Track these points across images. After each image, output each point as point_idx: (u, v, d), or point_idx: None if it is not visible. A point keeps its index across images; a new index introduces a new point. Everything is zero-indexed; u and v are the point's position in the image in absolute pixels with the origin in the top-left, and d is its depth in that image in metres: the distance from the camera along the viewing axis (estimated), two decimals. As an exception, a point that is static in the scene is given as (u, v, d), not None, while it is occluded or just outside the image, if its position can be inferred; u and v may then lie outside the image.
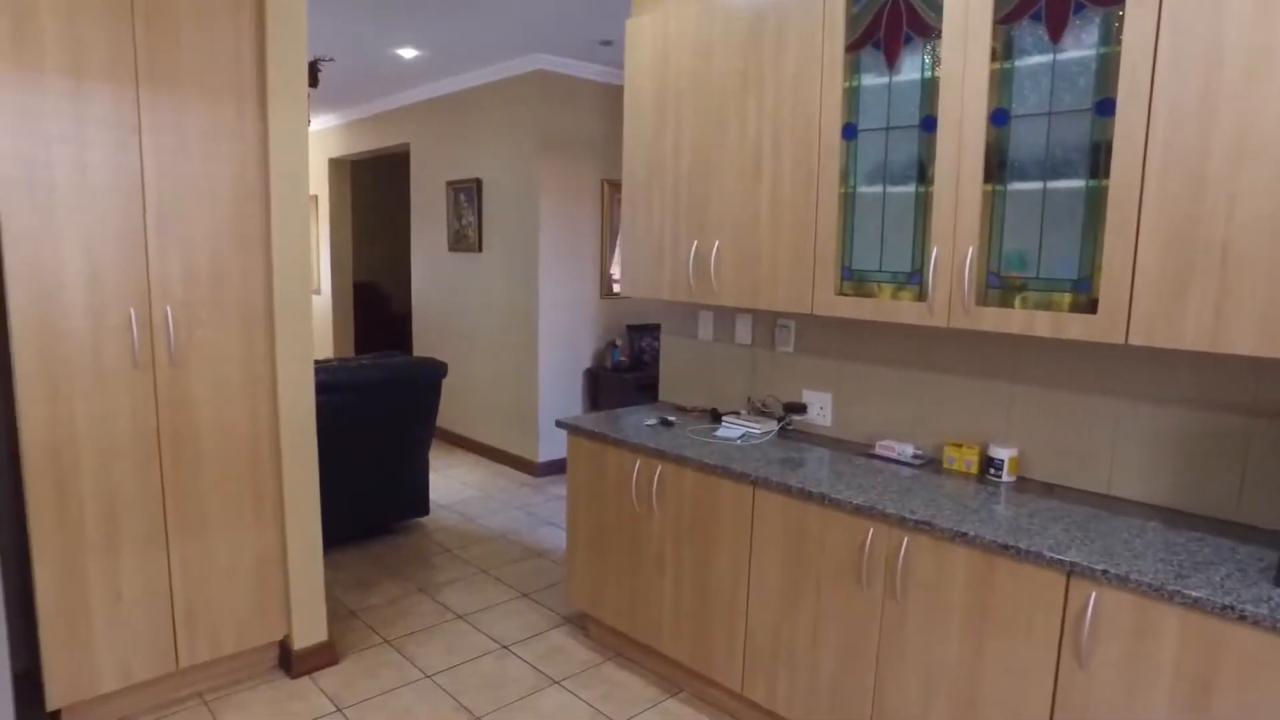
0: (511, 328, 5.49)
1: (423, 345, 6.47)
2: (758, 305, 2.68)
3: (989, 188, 2.11)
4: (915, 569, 2.07)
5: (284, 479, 2.77)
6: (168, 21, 2.40)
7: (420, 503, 4.29)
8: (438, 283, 6.22)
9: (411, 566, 3.87)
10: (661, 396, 3.55)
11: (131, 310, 2.43)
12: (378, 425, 3.97)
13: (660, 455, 2.70)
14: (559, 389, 5.42)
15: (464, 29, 4.36)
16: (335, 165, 7.47)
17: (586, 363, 5.56)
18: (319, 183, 7.64)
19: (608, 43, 4.63)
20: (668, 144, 2.93)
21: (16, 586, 2.54)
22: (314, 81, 2.98)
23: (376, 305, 8.43)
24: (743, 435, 2.86)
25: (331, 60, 3.70)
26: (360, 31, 4.34)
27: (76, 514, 2.40)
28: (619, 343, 5.52)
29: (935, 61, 2.20)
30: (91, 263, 2.35)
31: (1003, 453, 2.37)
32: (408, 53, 4.83)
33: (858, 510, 2.17)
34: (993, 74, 2.06)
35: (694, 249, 2.86)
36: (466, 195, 5.69)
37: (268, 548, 2.78)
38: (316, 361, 3.96)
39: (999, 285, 2.13)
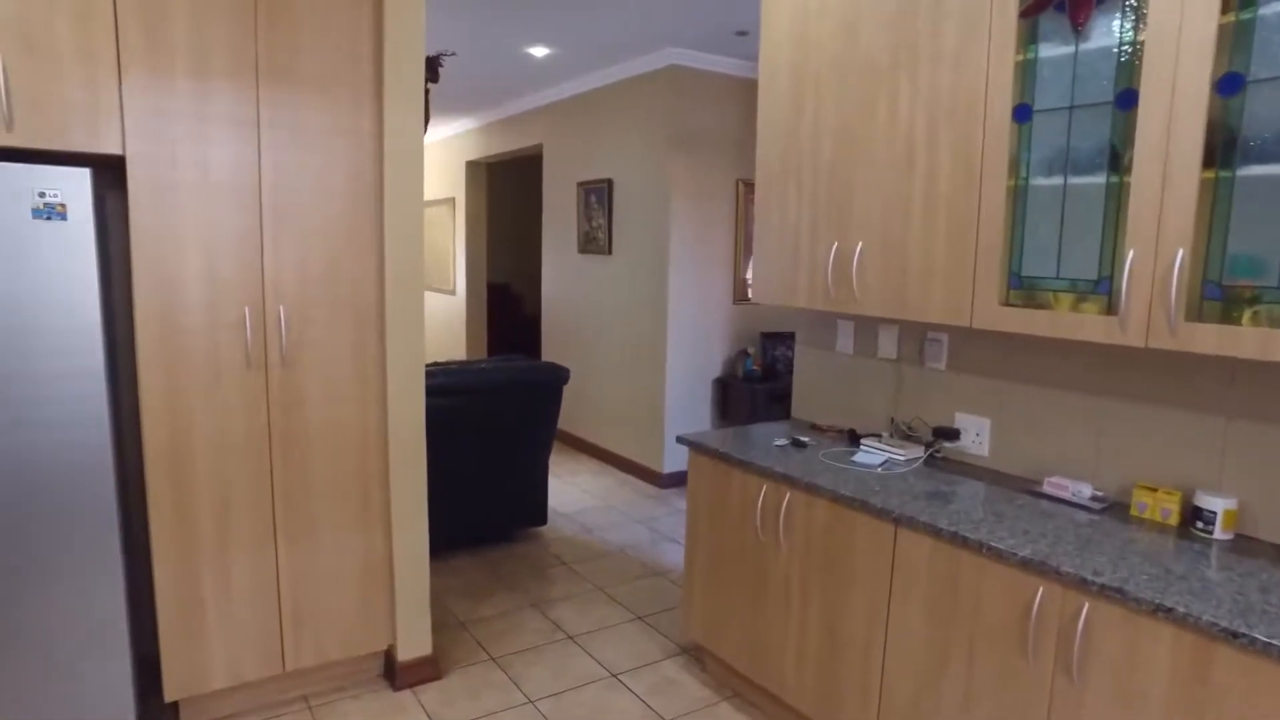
0: (639, 332, 5.32)
1: (551, 348, 6.43)
2: (905, 316, 2.34)
3: (1209, 174, 1.69)
4: (1099, 644, 1.68)
5: (391, 484, 2.69)
6: (288, 18, 2.36)
7: (538, 512, 4.18)
8: (567, 285, 6.15)
9: (525, 578, 3.75)
10: (794, 413, 3.24)
11: (246, 309, 2.41)
12: (497, 430, 3.88)
13: (789, 481, 2.41)
14: (687, 398, 5.19)
15: (595, 25, 4.22)
16: (472, 168, 7.60)
17: (716, 371, 5.30)
18: (456, 185, 7.80)
19: (743, 33, 4.36)
20: (805, 132, 2.63)
21: (140, 578, 2.58)
22: (434, 77, 2.92)
23: (510, 307, 8.52)
24: (884, 462, 2.52)
25: (453, 54, 3.66)
26: (492, 31, 4.30)
27: (191, 509, 2.40)
28: (751, 351, 5.22)
29: (1139, 20, 1.80)
30: (209, 260, 2.35)
31: (1216, 503, 1.92)
32: (539, 51, 4.76)
33: (1025, 564, 1.79)
34: (1222, 29, 1.64)
35: (834, 251, 2.55)
36: (597, 196, 5.57)
37: (374, 554, 2.71)
38: (437, 364, 3.92)
39: (1220, 297, 1.70)
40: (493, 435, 3.88)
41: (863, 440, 2.70)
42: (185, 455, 2.37)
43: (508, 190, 9.01)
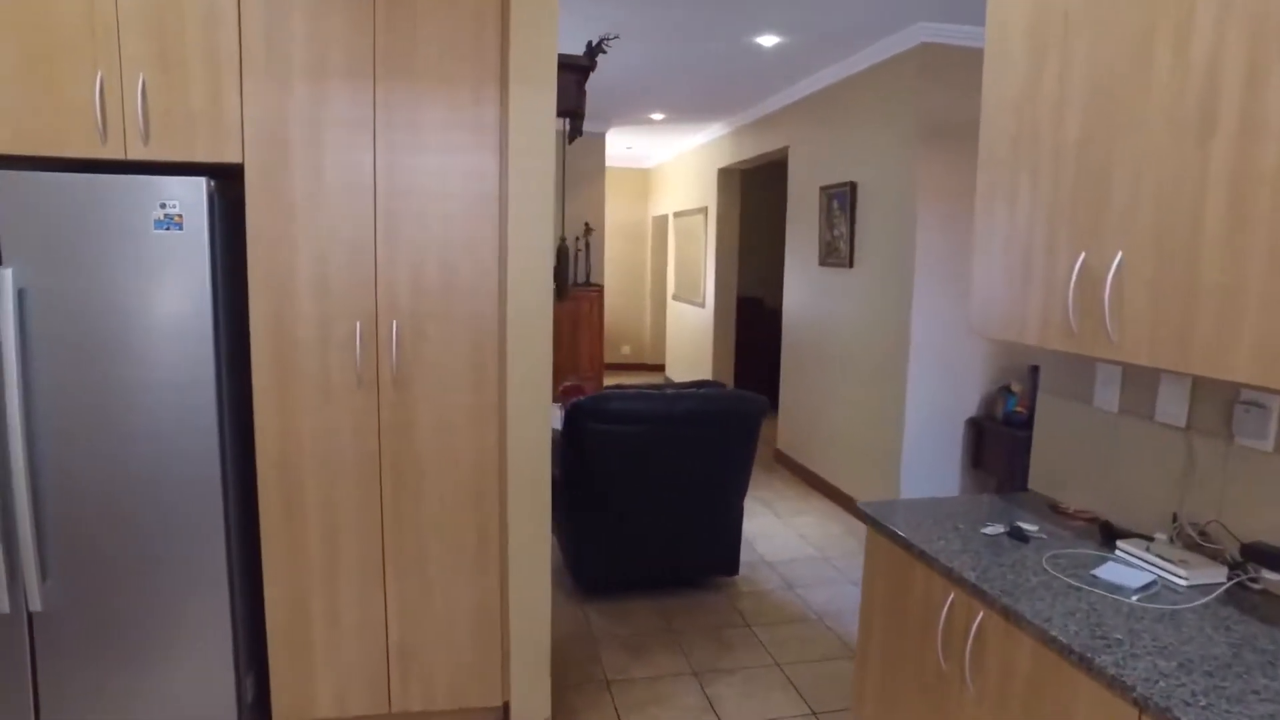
0: (877, 357, 4.55)
1: (790, 369, 5.84)
2: (1189, 367, 1.49)
3: None
4: None
5: (509, 524, 2.39)
6: (406, 10, 2.16)
7: (729, 560, 3.67)
8: (807, 300, 5.53)
9: (696, 638, 3.27)
10: (1031, 484, 2.39)
11: (357, 323, 2.25)
12: (683, 465, 3.45)
13: (981, 596, 1.67)
14: (930, 439, 4.32)
15: (828, 3, 3.61)
16: (724, 175, 7.24)
17: (970, 410, 4.35)
18: (708, 194, 7.50)
19: (1020, -10, 3.45)
20: (1044, 101, 1.85)
21: (246, 594, 2.56)
22: (591, 63, 2.59)
23: (761, 322, 8.02)
24: (1149, 584, 1.66)
25: (616, 38, 3.31)
26: (713, 19, 3.88)
27: (301, 532, 2.30)
28: (1016, 388, 4.20)
29: None
30: (321, 270, 2.22)
31: None
32: (768, 40, 4.24)
33: None
34: None
35: (1079, 265, 1.74)
36: (839, 201, 4.89)
37: (488, 600, 2.42)
38: (620, 387, 3.59)
39: None
40: (678, 470, 3.46)
41: (1121, 542, 1.83)
42: (295, 475, 2.28)
43: (761, 198, 8.52)
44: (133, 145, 2.09)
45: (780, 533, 4.55)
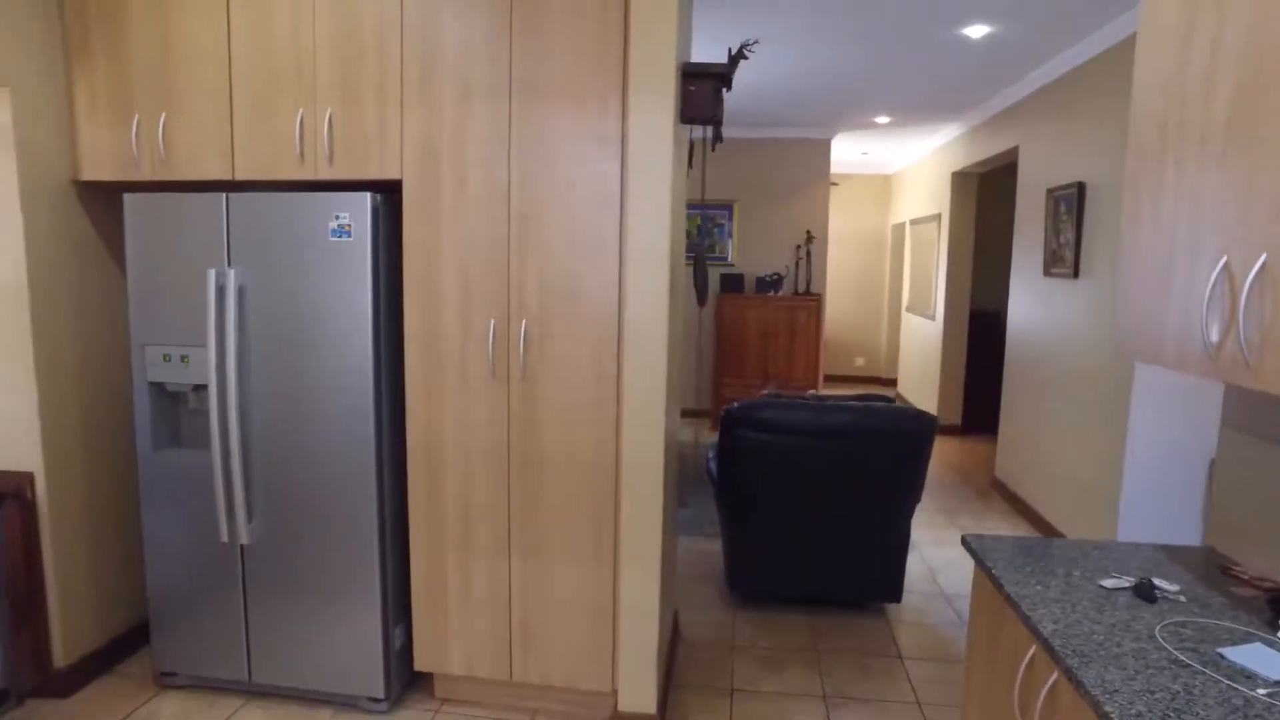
0: (1099, 380, 3.98)
1: (1011, 389, 5.29)
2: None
3: None
4: None
5: (621, 521, 2.48)
6: (539, 34, 2.34)
7: (890, 586, 3.44)
8: (1030, 314, 4.97)
9: (840, 661, 3.11)
10: (1208, 537, 1.99)
11: (492, 321, 2.48)
12: (840, 480, 3.31)
13: (1051, 652, 1.45)
14: (1159, 480, 3.68)
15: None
16: (959, 180, 6.72)
17: (1214, 449, 3.64)
18: (942, 199, 6.99)
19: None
20: (1194, 68, 1.56)
21: (395, 558, 2.89)
22: (731, 70, 2.56)
23: (995, 338, 7.30)
24: (1288, 672, 1.34)
25: (757, 42, 3.16)
26: (907, 13, 3.67)
27: (441, 506, 2.58)
28: (1282, 426, 3.44)
29: None
30: (463, 272, 2.47)
31: None
32: (975, 31, 3.90)
33: None
34: None
35: (1217, 270, 1.45)
36: (1066, 204, 4.35)
37: (601, 590, 2.54)
38: (778, 395, 3.53)
39: None
40: (833, 485, 3.32)
41: (1281, 618, 1.49)
42: (437, 456, 2.56)
43: (999, 205, 7.73)
44: (322, 167, 2.50)
45: (968, 566, 4.15)
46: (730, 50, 2.58)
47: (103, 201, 2.82)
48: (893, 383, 9.39)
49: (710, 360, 7.64)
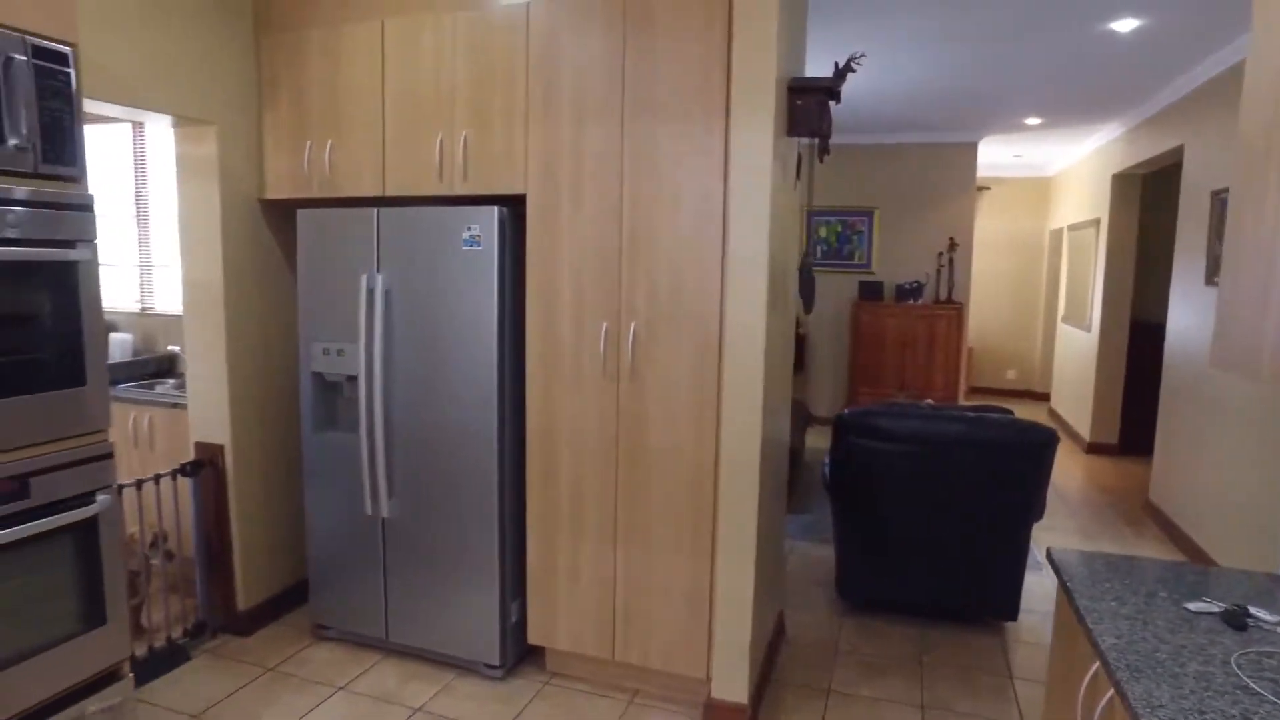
0: (1268, 398, 3.65)
1: (1168, 406, 4.91)
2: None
3: None
4: None
5: (719, 515, 2.61)
6: (649, 58, 2.52)
7: (1006, 603, 3.34)
8: (1190, 326, 4.60)
9: (944, 674, 3.07)
10: (1331, 567, 1.86)
11: (604, 323, 2.68)
12: (952, 491, 3.26)
13: (1106, 668, 1.44)
14: (1330, 511, 3.34)
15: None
16: (1119, 182, 6.27)
17: (1406, 481, 3.25)
18: (1100, 203, 6.55)
19: None
20: (1294, 80, 1.50)
21: (511, 538, 3.13)
22: (838, 83, 2.60)
23: (1157, 350, 6.74)
24: (1368, 704, 1.27)
25: (864, 56, 3.10)
26: (1052, 4, 3.53)
27: (555, 493, 2.82)
28: None
29: None
30: (578, 279, 2.69)
31: None
32: (1124, 24, 3.69)
33: None
34: None
35: (1310, 285, 1.40)
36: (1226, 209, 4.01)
37: (698, 581, 2.67)
38: (893, 403, 3.52)
39: None
40: (945, 496, 3.27)
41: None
42: (552, 445, 2.80)
43: (1164, 210, 7.10)
44: (457, 184, 2.80)
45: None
46: (837, 64, 2.65)
47: (281, 216, 3.28)
48: (1046, 397, 8.85)
49: (845, 369, 7.55)
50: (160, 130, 4.20)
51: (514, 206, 2.78)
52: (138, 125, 4.36)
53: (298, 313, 3.07)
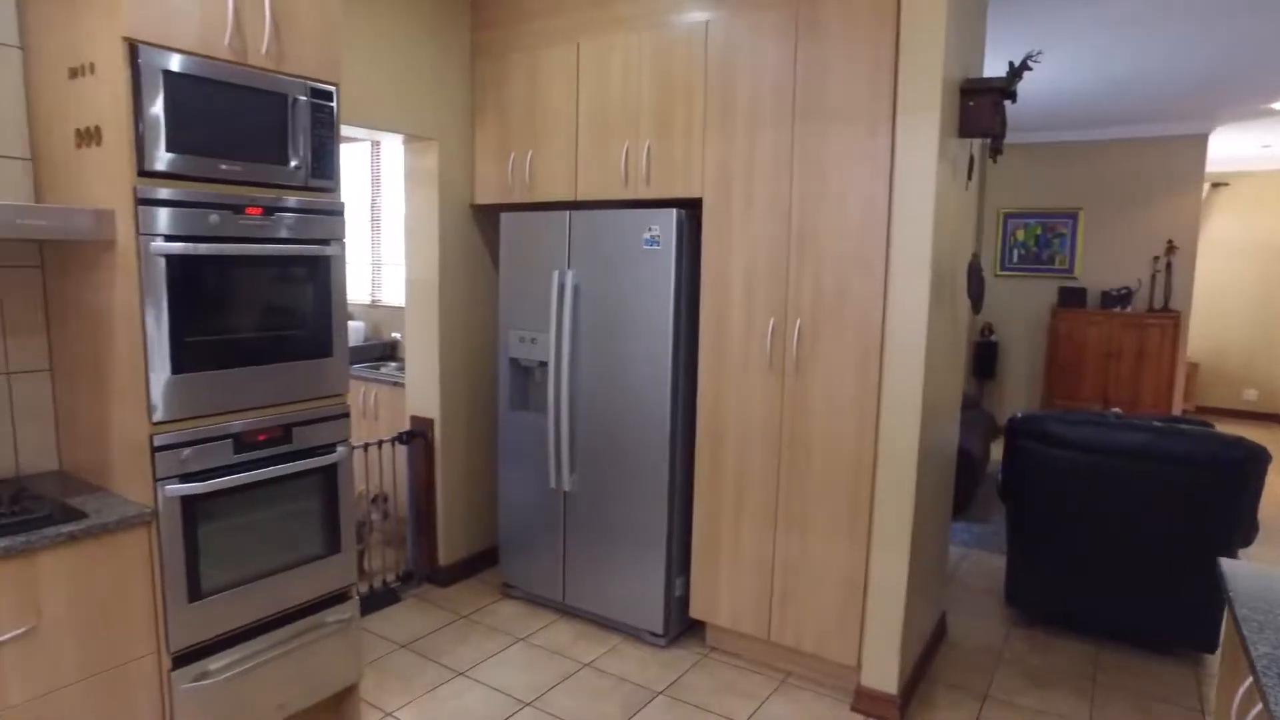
0: None
1: None
2: None
3: None
4: None
5: (875, 507, 2.68)
6: (819, 65, 2.64)
7: (1203, 633, 3.09)
8: None
9: (1118, 698, 2.91)
10: None
11: (771, 319, 2.83)
12: (1136, 506, 3.08)
13: (1254, 674, 1.41)
14: None
15: None
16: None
17: None
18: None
19: None
20: None
21: (677, 515, 3.31)
22: (1012, 83, 2.55)
23: None
24: None
25: (1041, 53, 2.86)
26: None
27: (720, 476, 3.01)
28: None
29: None
30: (748, 277, 2.86)
31: None
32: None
33: None
34: None
35: None
36: None
37: (853, 571, 2.75)
38: (1069, 410, 3.36)
39: None
40: (1127, 511, 3.10)
41: None
42: (720, 432, 2.99)
43: None
44: (640, 188, 3.07)
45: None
46: (1012, 64, 2.62)
47: (486, 219, 3.72)
48: (1290, 421, 7.81)
49: (1041, 377, 7.11)
50: (391, 147, 4.86)
51: (690, 209, 2.99)
52: (375, 144, 5.06)
53: (498, 304, 3.48)
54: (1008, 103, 2.70)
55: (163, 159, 1.97)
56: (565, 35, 3.25)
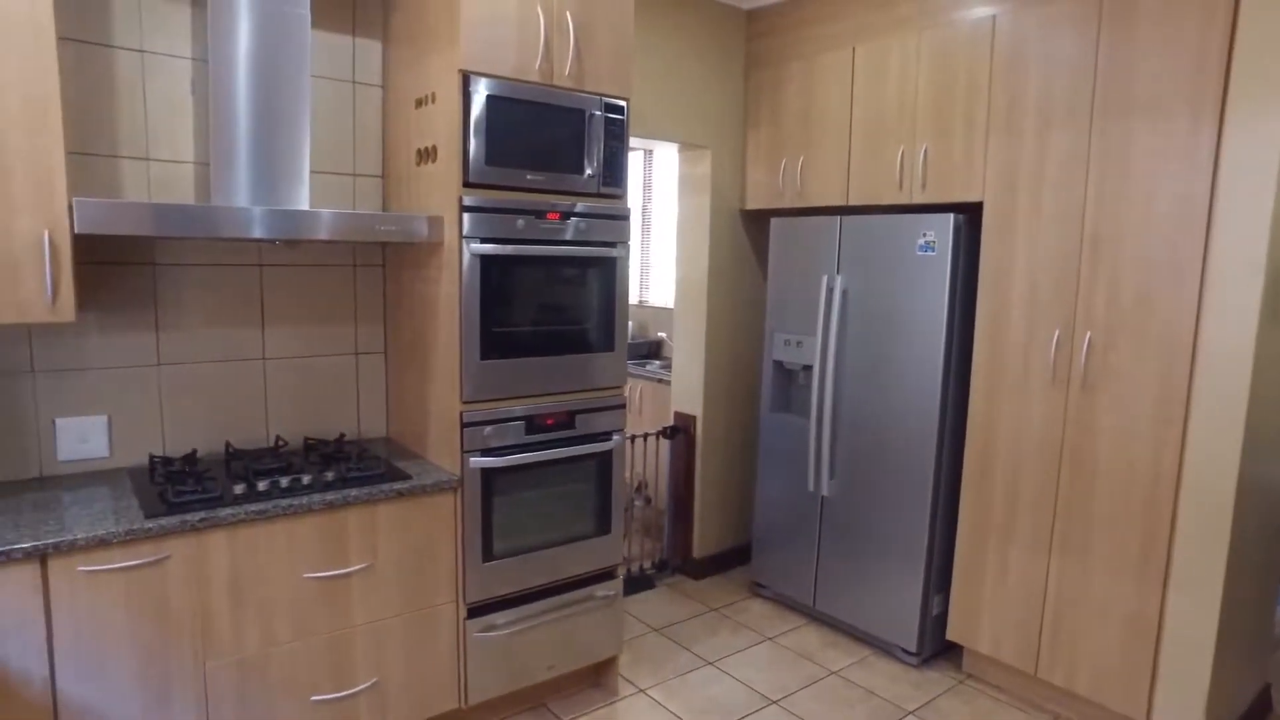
0: None
1: None
2: None
3: None
4: None
5: (1176, 541, 2.38)
6: (1126, 53, 2.41)
7: None
8: None
9: None
10: None
11: (1056, 330, 2.62)
12: None
13: None
14: None
15: None
16: None
17: None
18: None
19: None
20: None
21: (946, 534, 3.12)
22: None
23: None
24: None
25: None
26: None
27: (989, 491, 2.85)
28: None
29: None
30: (1031, 285, 2.68)
31: None
32: None
33: None
34: None
35: None
36: None
37: (1144, 609, 2.46)
38: None
39: None
40: None
41: None
42: (990, 447, 2.83)
43: None
44: (915, 193, 2.99)
45: None
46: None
47: (754, 224, 3.82)
48: None
49: None
50: (664, 155, 5.15)
51: (967, 213, 2.86)
52: (648, 152, 5.39)
53: (764, 307, 3.57)
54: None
55: (482, 171, 2.30)
56: (841, 40, 3.25)
